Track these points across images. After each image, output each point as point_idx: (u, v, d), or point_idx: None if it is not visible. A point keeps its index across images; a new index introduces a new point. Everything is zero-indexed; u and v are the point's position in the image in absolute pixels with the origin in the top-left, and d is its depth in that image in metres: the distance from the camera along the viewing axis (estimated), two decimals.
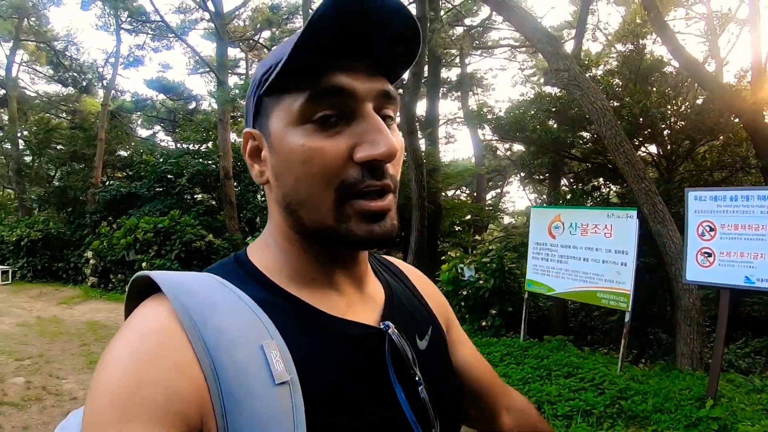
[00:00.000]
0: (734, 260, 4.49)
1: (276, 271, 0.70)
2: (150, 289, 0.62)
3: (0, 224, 16.06)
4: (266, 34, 22.32)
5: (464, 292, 7.60)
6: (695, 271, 4.74)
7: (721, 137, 8.97)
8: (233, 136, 20.97)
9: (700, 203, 4.74)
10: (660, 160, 9.61)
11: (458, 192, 22.08)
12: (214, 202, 17.89)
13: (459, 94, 22.21)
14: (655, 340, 8.66)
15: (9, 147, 19.49)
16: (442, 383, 0.78)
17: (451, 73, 22.68)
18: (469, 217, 15.20)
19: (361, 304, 0.75)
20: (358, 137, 0.62)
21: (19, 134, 19.65)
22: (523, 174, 11.42)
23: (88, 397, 0.54)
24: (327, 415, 0.60)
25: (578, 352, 6.01)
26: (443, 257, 9.09)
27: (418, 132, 11.52)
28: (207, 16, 17.88)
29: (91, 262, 13.36)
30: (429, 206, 12.06)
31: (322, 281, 0.71)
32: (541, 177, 11.94)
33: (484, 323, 7.31)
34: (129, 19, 18.54)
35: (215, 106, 19.15)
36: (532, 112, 9.44)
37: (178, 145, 21.73)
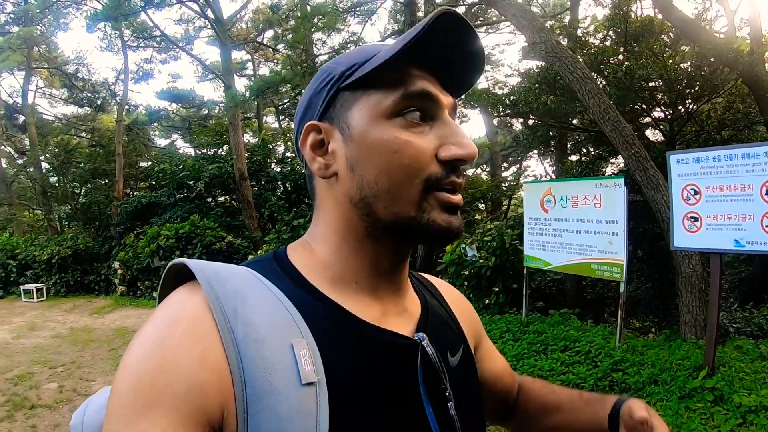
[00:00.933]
0: (722, 224, 4.38)
1: (317, 271, 0.71)
2: (185, 277, 0.64)
3: (31, 245, 16.54)
4: (269, 33, 22.41)
5: (466, 272, 7.64)
6: (683, 237, 4.65)
7: (723, 94, 8.74)
8: (247, 137, 21.23)
9: (682, 166, 4.65)
10: (662, 124, 9.41)
11: (478, 171, 21.94)
12: (235, 203, 18.11)
13: None
14: (664, 309, 8.57)
15: (32, 170, 20.11)
16: (469, 402, 0.78)
17: None
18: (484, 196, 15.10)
19: (397, 314, 0.74)
20: (442, 139, 0.67)
21: (42, 157, 20.26)
22: (522, 150, 11.25)
23: (115, 379, 0.56)
24: (350, 415, 0.60)
25: (581, 325, 6.01)
26: None
27: None
28: (209, 23, 18.04)
29: (119, 272, 13.72)
30: None
31: (363, 286, 0.72)
32: (544, 151, 11.81)
33: (487, 301, 7.35)
34: (133, 36, 18.86)
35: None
36: (526, 87, 9.35)
37: (197, 150, 22.01)
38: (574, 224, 5.85)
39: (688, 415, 3.98)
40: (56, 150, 20.50)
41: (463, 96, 0.88)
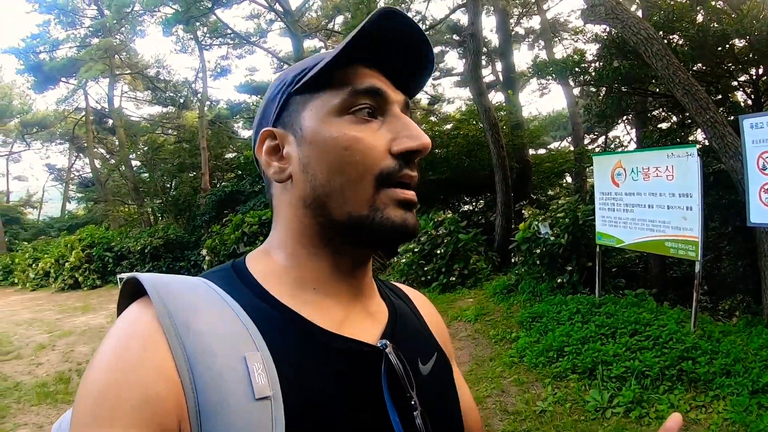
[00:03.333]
0: None
1: (275, 278, 0.70)
2: (141, 290, 0.63)
3: (126, 237, 17.76)
4: (339, 19, 22.50)
5: (539, 250, 7.35)
6: (761, 212, 4.20)
7: None
8: None
9: (757, 131, 4.19)
10: (748, 87, 8.43)
11: (564, 144, 21.19)
12: None
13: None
14: (753, 291, 7.84)
15: (124, 169, 21.45)
16: (442, 411, 0.76)
17: (533, 22, 21.69)
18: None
19: (361, 320, 0.73)
20: (395, 132, 0.68)
21: (132, 156, 21.57)
22: (594, 120, 10.59)
23: (76, 397, 0.56)
24: (307, 428, 0.59)
25: (656, 307, 5.61)
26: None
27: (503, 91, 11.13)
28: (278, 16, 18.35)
29: (207, 258, 14.33)
30: (514, 163, 11.75)
31: (323, 291, 0.71)
32: (619, 120, 11.11)
33: (560, 280, 7.04)
34: (206, 36, 19.52)
35: None
36: (593, 53, 8.83)
37: None
38: (646, 198, 5.42)
39: (759, 412, 3.62)
40: (145, 148, 21.89)
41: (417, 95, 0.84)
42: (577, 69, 8.35)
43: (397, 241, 0.70)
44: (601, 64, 8.27)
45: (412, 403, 0.68)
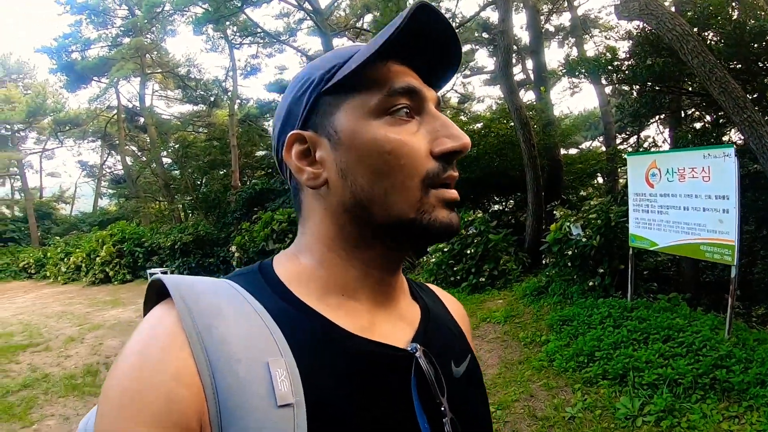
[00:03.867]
0: None
1: (302, 282, 0.68)
2: (166, 292, 0.62)
3: (156, 233, 18.08)
4: (368, 17, 22.54)
5: (570, 252, 7.22)
6: None
7: None
8: None
9: None
10: None
11: (594, 143, 20.84)
12: None
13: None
14: None
15: (155, 166, 21.83)
16: (473, 414, 0.74)
17: (563, 19, 21.39)
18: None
19: (391, 323, 0.72)
20: (434, 133, 0.67)
21: (163, 153, 21.92)
22: (628, 119, 10.36)
23: (100, 397, 0.56)
24: None
25: (690, 312, 5.45)
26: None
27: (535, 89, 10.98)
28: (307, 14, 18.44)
29: (236, 255, 14.48)
30: (546, 163, 11.59)
31: (352, 296, 0.69)
32: (652, 119, 10.86)
33: (591, 283, 6.90)
34: (236, 35, 19.71)
35: None
36: (625, 50, 8.61)
37: None
38: (682, 200, 5.26)
39: None
40: (176, 146, 22.19)
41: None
42: (609, 67, 8.16)
43: (442, 241, 0.70)
44: (634, 61, 8.07)
45: (442, 409, 0.66)
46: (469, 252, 8.94)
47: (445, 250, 9.22)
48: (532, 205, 9.88)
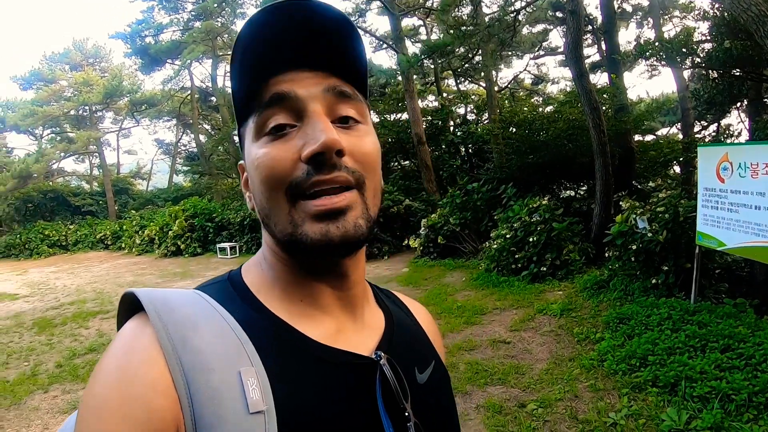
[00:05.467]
0: None
1: (267, 290, 0.70)
2: (139, 305, 0.63)
3: (227, 209, 18.81)
4: None
5: (634, 246, 6.85)
6: None
7: None
8: (428, 102, 21.66)
9: None
10: None
11: (672, 131, 19.89)
12: (415, 167, 18.54)
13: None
14: None
15: (227, 144, 22.53)
16: (438, 420, 0.76)
17: None
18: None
19: (355, 331, 0.73)
20: (303, 138, 0.63)
21: (235, 132, 22.69)
22: (703, 106, 9.70)
23: (79, 410, 0.57)
24: None
25: (755, 321, 5.06)
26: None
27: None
28: None
29: None
30: (617, 150, 11.13)
31: (312, 303, 0.71)
32: (731, 108, 10.14)
33: (654, 281, 6.54)
34: None
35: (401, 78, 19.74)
36: (703, 32, 8.04)
37: (378, 117, 22.85)
38: (754, 198, 4.82)
39: None
40: None
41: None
42: (684, 49, 7.65)
43: (328, 256, 0.66)
44: (711, 44, 7.54)
45: (406, 414, 0.68)
46: (531, 240, 8.73)
47: (508, 236, 9.05)
48: (599, 194, 9.51)
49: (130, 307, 0.64)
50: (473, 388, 4.75)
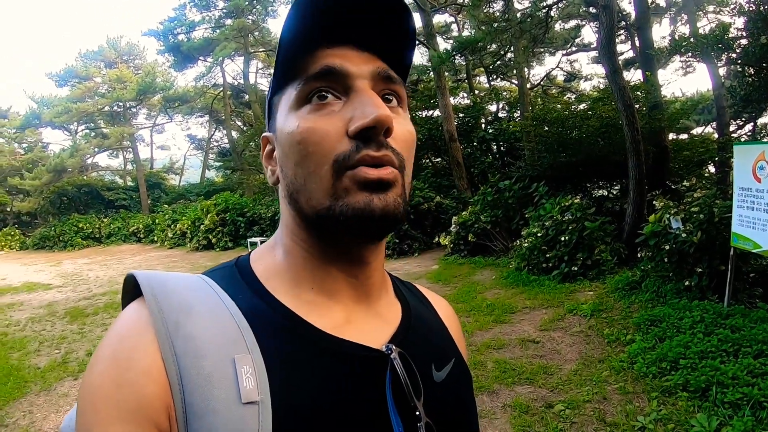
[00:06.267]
0: None
1: (276, 277, 0.69)
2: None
3: (258, 204, 19.15)
4: None
5: (668, 247, 6.72)
6: None
7: None
8: (459, 99, 21.57)
9: None
10: None
11: (708, 129, 19.45)
12: (446, 164, 18.47)
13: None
14: None
15: (259, 141, 23.02)
16: (452, 422, 0.71)
17: None
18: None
19: (366, 322, 0.70)
20: (351, 112, 0.61)
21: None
22: (739, 103, 9.43)
23: (78, 397, 0.57)
24: None
25: None
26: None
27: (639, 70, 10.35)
28: None
29: None
30: (651, 149, 10.95)
31: (323, 292, 0.68)
32: (767, 106, 9.86)
33: (687, 283, 6.41)
34: None
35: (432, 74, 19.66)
36: (739, 27, 7.81)
37: (411, 114, 22.79)
38: None
39: None
40: None
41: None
42: (719, 45, 7.47)
43: (363, 230, 0.62)
44: (747, 40, 7.34)
45: (416, 413, 0.65)
46: (563, 239, 8.65)
47: (539, 234, 8.99)
48: (632, 194, 9.36)
49: (133, 289, 0.64)
50: (500, 386, 4.73)
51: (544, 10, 13.72)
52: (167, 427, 0.54)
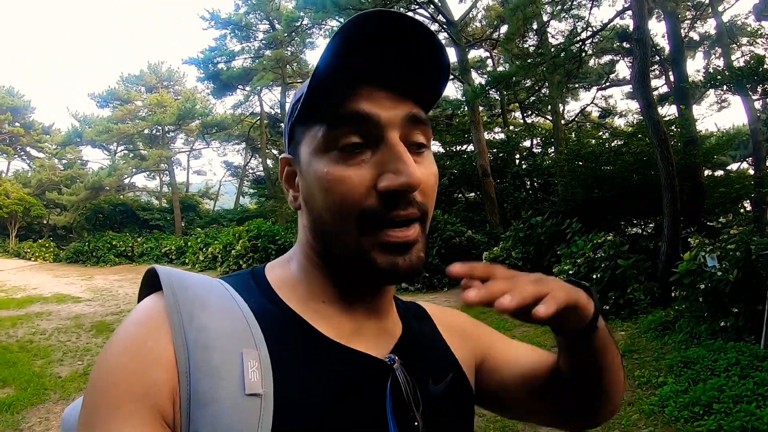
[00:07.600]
0: None
1: (289, 287, 0.71)
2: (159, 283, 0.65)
3: (290, 232, 19.23)
4: (504, 28, 22.16)
5: (702, 286, 6.52)
6: None
7: None
8: (488, 136, 21.66)
9: None
10: None
11: (744, 165, 19.04)
12: (479, 199, 18.47)
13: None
14: None
15: None
16: None
17: (708, 26, 19.59)
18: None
19: (372, 335, 0.72)
20: (381, 167, 0.62)
21: None
22: None
23: (89, 380, 0.59)
24: (297, 430, 0.59)
25: None
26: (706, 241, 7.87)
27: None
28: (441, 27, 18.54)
29: None
30: (686, 185, 10.75)
31: (333, 305, 0.70)
32: None
33: (723, 323, 6.19)
34: None
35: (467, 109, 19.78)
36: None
37: (444, 148, 22.91)
38: None
39: None
40: None
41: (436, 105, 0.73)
42: (754, 77, 7.36)
43: (390, 284, 0.69)
44: None
45: (415, 424, 0.67)
46: (595, 277, 8.44)
47: (570, 272, 8.78)
48: (667, 230, 9.13)
49: (151, 283, 0.66)
50: (525, 427, 4.62)
51: (578, 45, 13.73)
52: (171, 414, 0.56)
